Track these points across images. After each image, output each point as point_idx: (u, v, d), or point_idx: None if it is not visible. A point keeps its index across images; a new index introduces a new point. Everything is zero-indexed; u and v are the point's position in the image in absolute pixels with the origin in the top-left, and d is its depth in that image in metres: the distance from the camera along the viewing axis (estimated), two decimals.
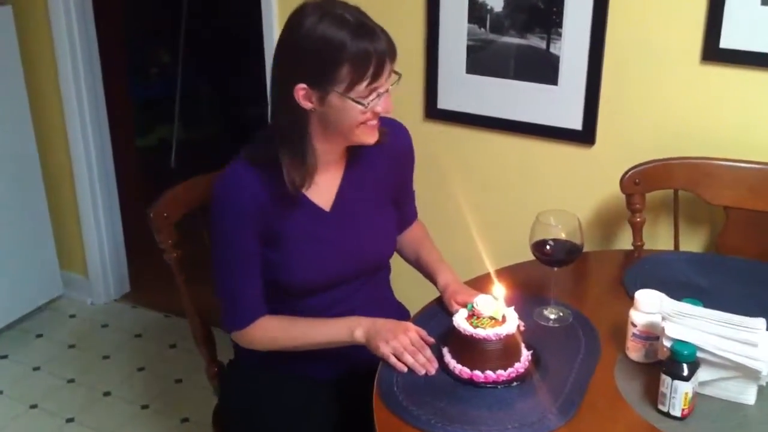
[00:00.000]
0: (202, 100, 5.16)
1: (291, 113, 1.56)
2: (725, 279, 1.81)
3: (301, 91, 1.53)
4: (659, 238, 2.19)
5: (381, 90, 1.54)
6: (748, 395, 1.42)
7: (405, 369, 1.53)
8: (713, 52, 2.00)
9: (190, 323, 1.91)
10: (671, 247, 2.12)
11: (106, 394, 2.85)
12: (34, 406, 2.78)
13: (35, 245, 3.23)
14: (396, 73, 1.59)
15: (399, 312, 1.88)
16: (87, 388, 2.88)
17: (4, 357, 3.05)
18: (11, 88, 3.02)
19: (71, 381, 2.91)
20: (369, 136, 1.60)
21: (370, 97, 1.53)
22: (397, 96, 2.35)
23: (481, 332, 1.48)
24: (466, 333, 1.49)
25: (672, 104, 2.10)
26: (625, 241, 2.23)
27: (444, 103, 2.38)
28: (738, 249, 1.98)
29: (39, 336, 3.19)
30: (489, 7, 2.24)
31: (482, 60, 2.29)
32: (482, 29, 2.26)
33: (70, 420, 2.71)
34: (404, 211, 1.89)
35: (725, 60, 1.99)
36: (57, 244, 3.32)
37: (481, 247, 2.16)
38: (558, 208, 1.67)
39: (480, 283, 1.74)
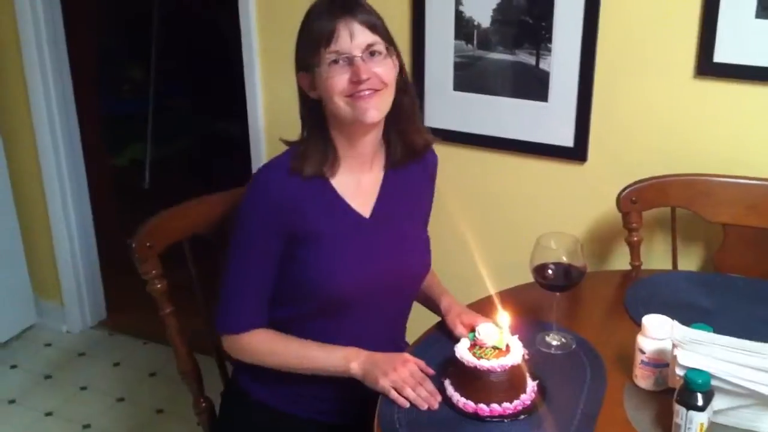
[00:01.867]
0: (176, 116, 5.06)
1: (304, 105, 1.62)
2: (728, 299, 1.77)
3: (302, 80, 1.59)
4: (655, 257, 2.15)
5: (350, 53, 1.51)
6: (764, 423, 1.37)
7: (407, 404, 1.46)
8: (707, 67, 1.96)
9: (177, 358, 1.82)
10: (668, 266, 2.08)
11: (86, 426, 2.75)
12: None
13: (8, 272, 3.12)
14: (389, 45, 1.57)
15: (397, 344, 1.80)
16: (65, 420, 2.78)
17: None
18: None
19: (49, 414, 2.81)
20: (360, 111, 1.53)
21: (338, 65, 1.51)
22: None
23: (485, 363, 1.42)
24: (470, 364, 1.43)
25: (666, 120, 2.06)
26: (620, 260, 2.18)
27: (431, 120, 2.33)
28: (737, 267, 1.94)
29: (13, 367, 3.08)
30: (476, 23, 2.19)
31: (470, 77, 2.24)
32: (469, 45, 2.22)
33: None
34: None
35: (719, 74, 1.96)
36: (30, 271, 3.22)
37: (474, 268, 2.10)
38: (553, 227, 1.63)
39: (479, 308, 1.68)
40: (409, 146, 1.67)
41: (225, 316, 1.63)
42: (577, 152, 2.18)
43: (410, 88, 1.67)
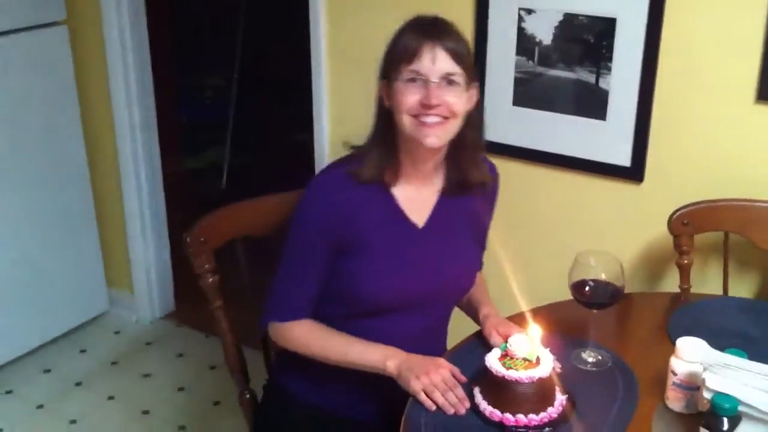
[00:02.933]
0: (254, 123, 5.21)
1: (379, 111, 1.66)
2: None
3: (382, 87, 1.64)
4: (709, 282, 2.12)
5: (428, 78, 1.55)
6: None
7: (434, 407, 1.49)
8: None
9: (225, 350, 1.90)
10: (720, 292, 2.04)
11: (145, 412, 2.87)
12: (73, 422, 2.81)
13: (83, 262, 3.28)
14: (470, 78, 1.60)
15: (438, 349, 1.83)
16: (126, 406, 2.90)
17: (48, 371, 3.09)
18: (64, 107, 3.09)
19: (111, 398, 2.94)
20: (420, 133, 1.57)
21: (413, 84, 1.56)
22: None
23: (513, 374, 1.44)
24: (498, 374, 1.45)
25: (724, 143, 2.03)
26: (671, 283, 2.16)
27: (490, 135, 2.31)
28: None
29: (83, 351, 3.23)
30: (538, 40, 2.21)
31: (529, 93, 2.26)
32: (530, 62, 2.24)
33: None
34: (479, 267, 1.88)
35: None
36: (105, 262, 3.38)
37: (521, 284, 2.11)
38: (604, 245, 1.63)
39: (517, 322, 1.70)
40: (464, 178, 1.70)
41: (273, 307, 1.70)
42: (633, 172, 2.17)
43: (481, 124, 1.71)
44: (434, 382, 1.51)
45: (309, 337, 1.67)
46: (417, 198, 1.68)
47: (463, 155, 1.68)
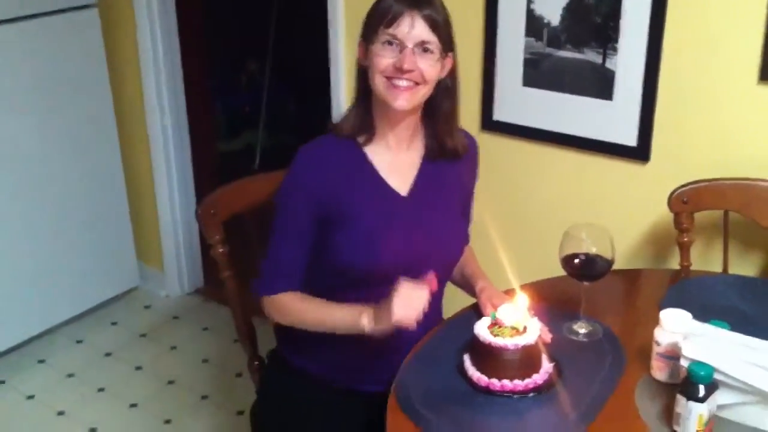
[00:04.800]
0: (286, 108, 5.31)
1: (358, 71, 1.72)
2: None
3: (360, 47, 1.70)
4: (712, 261, 2.14)
5: (403, 42, 1.61)
6: None
7: (414, 325, 1.53)
8: None
9: (234, 317, 1.99)
10: (720, 270, 2.07)
11: (170, 382, 2.98)
12: (101, 390, 2.93)
13: (115, 239, 3.40)
14: (445, 48, 1.67)
15: (434, 319, 1.89)
16: (153, 376, 3.02)
17: (80, 342, 3.22)
18: (96, 89, 3.20)
19: (139, 368, 3.06)
20: (392, 96, 1.63)
21: (390, 47, 1.62)
22: None
23: (499, 341, 1.49)
24: (485, 341, 1.51)
25: (728, 123, 2.05)
26: (676, 262, 2.16)
27: (500, 115, 2.40)
28: None
29: (114, 324, 3.36)
30: (546, 21, 2.24)
31: (539, 73, 2.30)
32: (539, 42, 2.27)
33: (133, 405, 2.86)
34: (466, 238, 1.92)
35: None
36: (135, 239, 3.50)
37: (527, 261, 2.16)
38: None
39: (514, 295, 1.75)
40: (441, 145, 1.76)
41: (261, 280, 1.76)
42: (639, 152, 2.19)
43: (455, 93, 1.76)
44: (405, 297, 1.53)
45: (290, 307, 1.73)
46: (397, 164, 1.73)
47: (438, 123, 1.74)
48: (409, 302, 1.52)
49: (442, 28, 1.65)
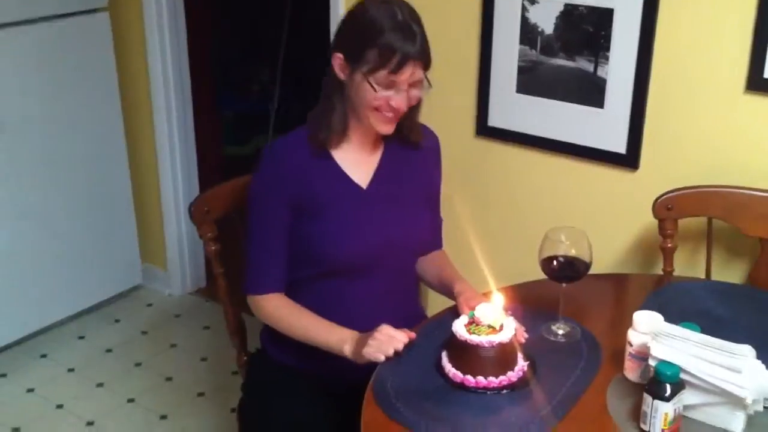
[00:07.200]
0: (296, 114, 5.37)
1: (330, 78, 1.75)
2: (749, 311, 1.78)
3: (338, 60, 1.71)
4: (697, 268, 2.16)
5: (400, 85, 1.66)
6: (736, 424, 1.40)
7: (382, 358, 1.60)
8: (757, 82, 1.97)
9: (225, 313, 2.04)
10: (703, 276, 2.09)
11: (168, 379, 3.03)
12: (100, 385, 2.99)
13: (120, 238, 3.46)
14: (428, 81, 1.71)
15: (415, 318, 1.93)
16: (152, 372, 3.07)
17: (82, 338, 3.28)
18: (105, 91, 3.26)
19: (138, 365, 3.11)
20: (382, 125, 1.71)
21: (388, 90, 1.66)
22: (450, 111, 2.44)
23: (475, 338, 1.53)
24: (462, 338, 1.54)
25: (716, 132, 2.08)
26: (662, 268, 2.21)
27: (494, 120, 2.44)
28: None
29: (117, 321, 3.42)
30: (540, 29, 2.28)
31: (532, 80, 2.33)
32: (533, 50, 2.31)
33: (131, 400, 2.90)
34: (431, 233, 1.97)
35: None
36: (140, 238, 3.56)
37: (517, 267, 2.18)
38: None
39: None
40: (403, 136, 1.82)
41: (246, 279, 1.82)
42: (629, 159, 2.22)
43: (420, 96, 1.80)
44: (379, 339, 1.62)
45: (278, 315, 1.80)
46: (358, 159, 1.79)
47: (405, 121, 1.78)
48: (380, 345, 1.60)
49: (429, 59, 1.70)
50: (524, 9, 2.29)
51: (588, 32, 2.20)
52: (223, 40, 4.16)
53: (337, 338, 1.70)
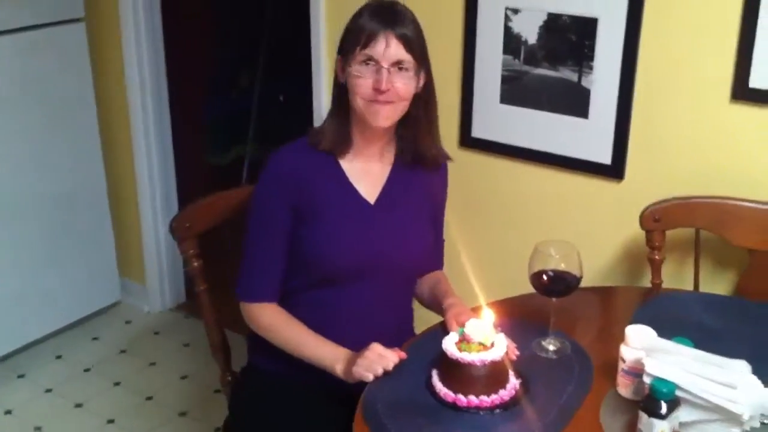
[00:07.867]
0: (278, 119, 5.32)
1: (336, 85, 1.76)
2: (740, 322, 1.76)
3: (338, 63, 1.73)
4: (685, 279, 2.15)
5: (381, 63, 1.64)
6: None
7: (371, 378, 1.58)
8: (742, 92, 1.97)
9: (207, 331, 1.99)
10: (692, 288, 2.07)
11: (149, 398, 2.97)
12: (79, 405, 2.92)
13: (97, 253, 3.39)
14: (420, 65, 1.70)
15: (408, 334, 1.90)
16: (131, 391, 3.01)
17: (59, 357, 3.21)
18: (81, 102, 3.20)
19: (117, 384, 3.05)
20: (372, 116, 1.68)
21: (366, 67, 1.65)
22: None
23: (466, 356, 1.50)
24: (453, 357, 1.51)
25: (702, 142, 2.07)
26: (649, 280, 2.18)
27: (478, 131, 2.41)
28: (761, 292, 1.92)
29: (95, 339, 3.34)
30: (524, 39, 2.26)
31: (516, 91, 2.31)
32: (516, 60, 2.29)
33: (110, 421, 2.84)
34: (433, 253, 1.94)
35: (754, 99, 1.96)
36: (118, 253, 3.48)
37: (502, 280, 2.16)
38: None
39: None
40: (420, 155, 1.80)
41: (240, 285, 1.79)
42: (614, 170, 2.21)
43: (432, 104, 1.80)
44: (369, 359, 1.59)
45: (272, 328, 1.77)
46: (367, 172, 1.77)
47: (418, 132, 1.77)
48: (369, 364, 1.58)
49: (416, 45, 1.69)
50: (507, 18, 2.27)
51: (572, 42, 2.19)
52: (204, 44, 4.09)
53: (331, 357, 1.68)
